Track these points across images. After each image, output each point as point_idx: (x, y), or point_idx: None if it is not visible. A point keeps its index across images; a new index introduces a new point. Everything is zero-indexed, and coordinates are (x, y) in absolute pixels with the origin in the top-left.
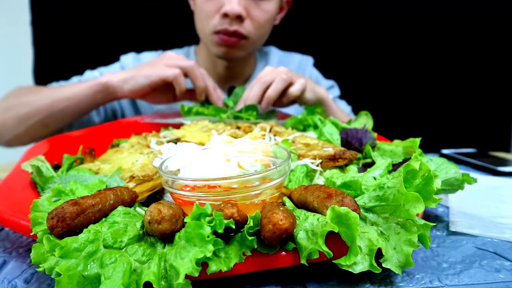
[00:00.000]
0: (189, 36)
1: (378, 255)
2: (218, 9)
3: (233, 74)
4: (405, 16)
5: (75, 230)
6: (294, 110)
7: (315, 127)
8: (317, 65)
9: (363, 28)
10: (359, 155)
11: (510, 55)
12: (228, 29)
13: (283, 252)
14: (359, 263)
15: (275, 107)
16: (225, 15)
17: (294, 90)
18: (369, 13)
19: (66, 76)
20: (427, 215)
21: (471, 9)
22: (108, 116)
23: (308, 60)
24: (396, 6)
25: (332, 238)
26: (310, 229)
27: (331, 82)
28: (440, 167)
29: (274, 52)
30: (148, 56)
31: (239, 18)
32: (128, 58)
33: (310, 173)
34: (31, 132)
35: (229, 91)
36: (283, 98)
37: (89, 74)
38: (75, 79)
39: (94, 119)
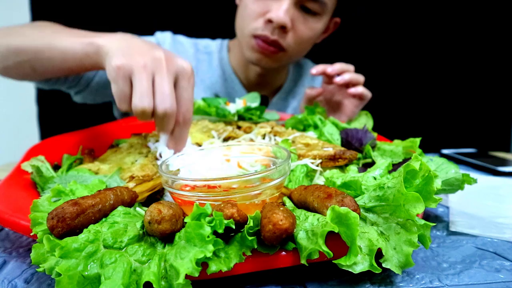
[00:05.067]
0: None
1: (378, 255)
2: (264, 13)
3: (263, 82)
4: (405, 16)
5: (75, 230)
6: (293, 110)
7: (315, 127)
8: None
9: (362, 28)
10: (359, 155)
11: (510, 55)
12: (269, 37)
13: (283, 252)
14: (359, 263)
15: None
16: (269, 21)
17: (361, 89)
18: (368, 13)
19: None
20: (427, 215)
21: (471, 9)
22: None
23: None
24: (396, 6)
25: (332, 238)
26: (310, 229)
27: None
28: (440, 167)
29: (309, 65)
30: (183, 40)
31: (282, 29)
32: (165, 37)
33: (310, 173)
34: (20, 69)
35: (261, 100)
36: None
37: None
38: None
39: (113, 112)
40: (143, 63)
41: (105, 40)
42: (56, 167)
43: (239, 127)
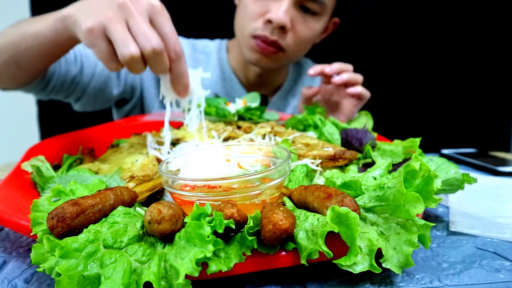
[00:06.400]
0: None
1: (378, 255)
2: (264, 13)
3: (263, 82)
4: (404, 16)
5: (75, 230)
6: (294, 110)
7: (315, 127)
8: None
9: (362, 28)
10: (359, 155)
11: (510, 55)
12: (268, 37)
13: (283, 252)
14: (359, 263)
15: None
16: (269, 22)
17: (360, 89)
18: (368, 12)
19: None
20: (427, 215)
21: (471, 8)
22: (126, 90)
23: None
24: (395, 6)
25: (332, 238)
26: (310, 229)
27: None
28: (440, 167)
29: (309, 64)
30: (180, 41)
31: (282, 29)
32: None
33: (310, 173)
34: (7, 69)
35: (261, 100)
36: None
37: None
38: None
39: (112, 91)
40: (111, 15)
41: (68, 10)
42: (56, 167)
43: (239, 127)
